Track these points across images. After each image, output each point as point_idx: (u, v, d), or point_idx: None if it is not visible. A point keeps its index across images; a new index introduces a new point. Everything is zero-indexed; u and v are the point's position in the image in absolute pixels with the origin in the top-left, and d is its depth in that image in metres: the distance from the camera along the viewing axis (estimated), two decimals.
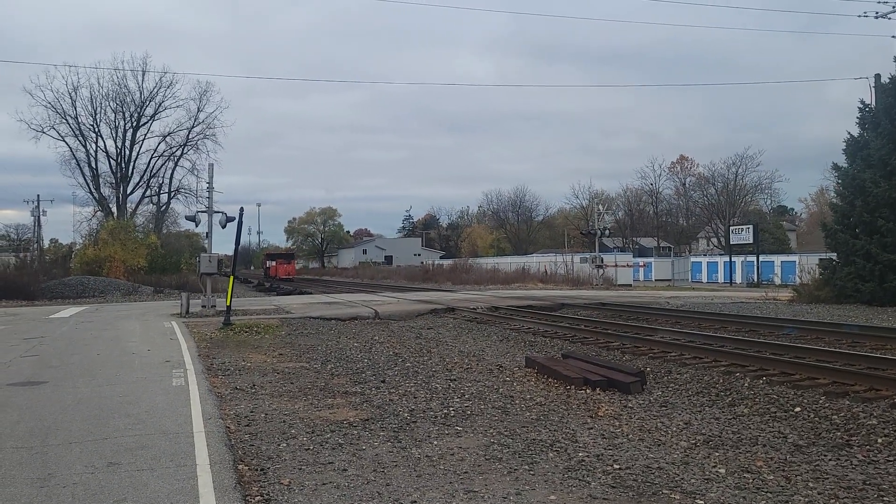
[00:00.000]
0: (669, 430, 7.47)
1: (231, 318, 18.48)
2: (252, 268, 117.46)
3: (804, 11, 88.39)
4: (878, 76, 27.60)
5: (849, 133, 27.53)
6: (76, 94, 53.32)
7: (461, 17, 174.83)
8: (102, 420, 7.78)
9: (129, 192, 56.21)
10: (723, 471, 6.04)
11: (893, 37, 29.92)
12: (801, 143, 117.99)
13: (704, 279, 54.66)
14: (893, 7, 30.23)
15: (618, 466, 6.16)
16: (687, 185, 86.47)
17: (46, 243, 70.19)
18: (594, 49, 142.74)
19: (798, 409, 8.38)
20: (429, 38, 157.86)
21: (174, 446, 6.66)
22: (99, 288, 36.12)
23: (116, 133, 55.52)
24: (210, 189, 24.89)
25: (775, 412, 8.30)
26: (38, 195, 65.78)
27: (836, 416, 7.93)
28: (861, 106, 27.46)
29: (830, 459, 6.39)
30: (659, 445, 6.88)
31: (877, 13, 30.78)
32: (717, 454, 6.57)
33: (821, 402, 8.65)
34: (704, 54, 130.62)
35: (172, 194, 58.40)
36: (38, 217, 65.23)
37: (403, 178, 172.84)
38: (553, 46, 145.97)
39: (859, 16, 31.94)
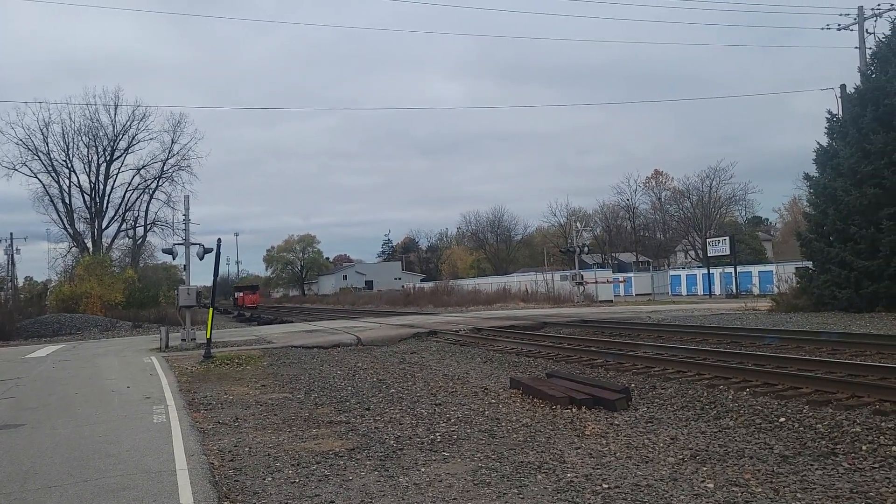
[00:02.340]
0: (656, 447, 7.47)
1: (212, 351, 18.24)
2: (231, 298, 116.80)
3: (765, 26, 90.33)
4: (843, 87, 28.20)
5: (818, 143, 28.06)
6: (48, 129, 52.87)
7: (427, 41, 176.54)
8: (82, 462, 7.61)
9: (104, 226, 55.59)
10: (711, 485, 6.03)
11: (856, 48, 30.69)
12: (772, 155, 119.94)
13: (684, 292, 55.08)
14: (854, 19, 31.01)
15: (607, 486, 6.13)
16: (663, 200, 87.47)
17: (21, 281, 68.97)
18: (562, 68, 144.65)
19: (783, 419, 8.42)
20: (397, 63, 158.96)
21: (157, 486, 6.53)
22: (76, 325, 35.58)
23: (90, 168, 55.01)
24: (187, 221, 24.73)
25: (760, 423, 8.34)
26: (11, 233, 64.89)
27: (820, 425, 7.97)
28: (829, 116, 27.99)
29: (817, 469, 6.42)
30: (647, 462, 6.87)
31: (839, 25, 31.58)
32: (705, 468, 6.57)
33: (804, 411, 8.70)
34: (672, 70, 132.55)
35: (148, 227, 57.93)
36: (12, 255, 64.27)
37: (381, 203, 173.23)
38: (521, 66, 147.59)
39: (822, 28, 32.72)
